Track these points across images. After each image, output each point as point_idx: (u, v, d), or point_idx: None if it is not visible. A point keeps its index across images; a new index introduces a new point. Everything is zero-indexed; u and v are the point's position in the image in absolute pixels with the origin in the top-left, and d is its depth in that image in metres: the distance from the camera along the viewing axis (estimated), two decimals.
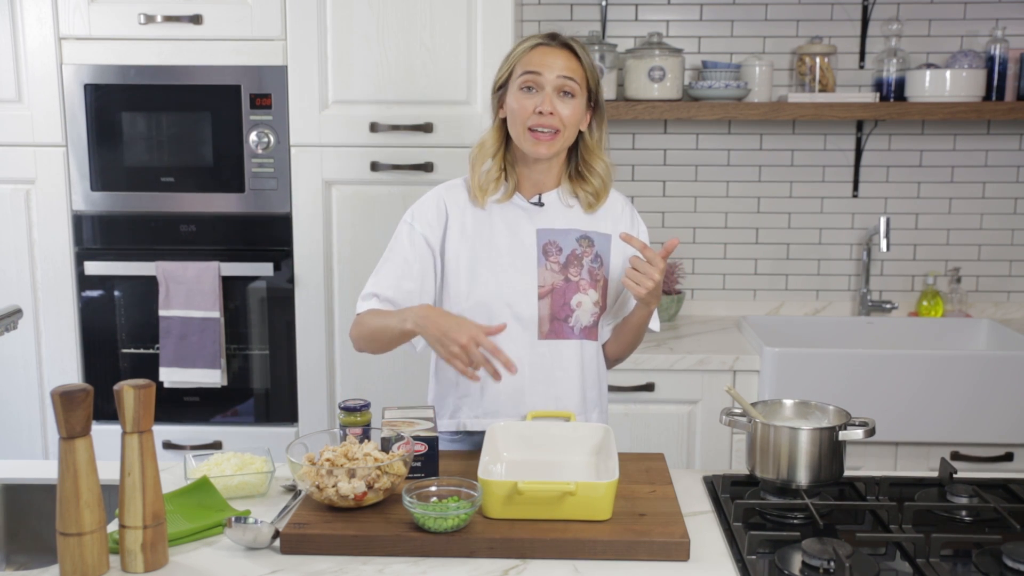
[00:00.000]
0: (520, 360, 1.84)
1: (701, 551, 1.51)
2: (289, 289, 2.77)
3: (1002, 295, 3.26)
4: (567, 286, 1.89)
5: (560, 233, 1.90)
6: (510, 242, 1.89)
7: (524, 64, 1.83)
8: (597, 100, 1.90)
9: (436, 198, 1.94)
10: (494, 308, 1.86)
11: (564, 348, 1.90)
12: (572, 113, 1.83)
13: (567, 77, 1.81)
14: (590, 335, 1.92)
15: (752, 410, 1.75)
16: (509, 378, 1.78)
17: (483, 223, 1.90)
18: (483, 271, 1.88)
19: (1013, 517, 1.60)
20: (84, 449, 1.38)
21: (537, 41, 1.85)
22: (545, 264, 1.89)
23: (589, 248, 1.91)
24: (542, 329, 1.88)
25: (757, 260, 3.27)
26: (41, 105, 2.70)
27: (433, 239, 1.91)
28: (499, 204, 1.91)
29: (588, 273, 1.90)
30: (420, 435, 1.71)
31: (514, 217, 1.91)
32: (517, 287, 1.87)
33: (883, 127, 3.17)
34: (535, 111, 1.81)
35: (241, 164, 2.72)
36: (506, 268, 1.88)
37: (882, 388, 2.67)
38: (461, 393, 1.93)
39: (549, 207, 1.92)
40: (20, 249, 2.77)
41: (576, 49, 1.85)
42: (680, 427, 2.75)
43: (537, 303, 1.88)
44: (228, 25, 2.65)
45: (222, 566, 1.46)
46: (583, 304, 1.89)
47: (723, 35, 3.16)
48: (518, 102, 1.83)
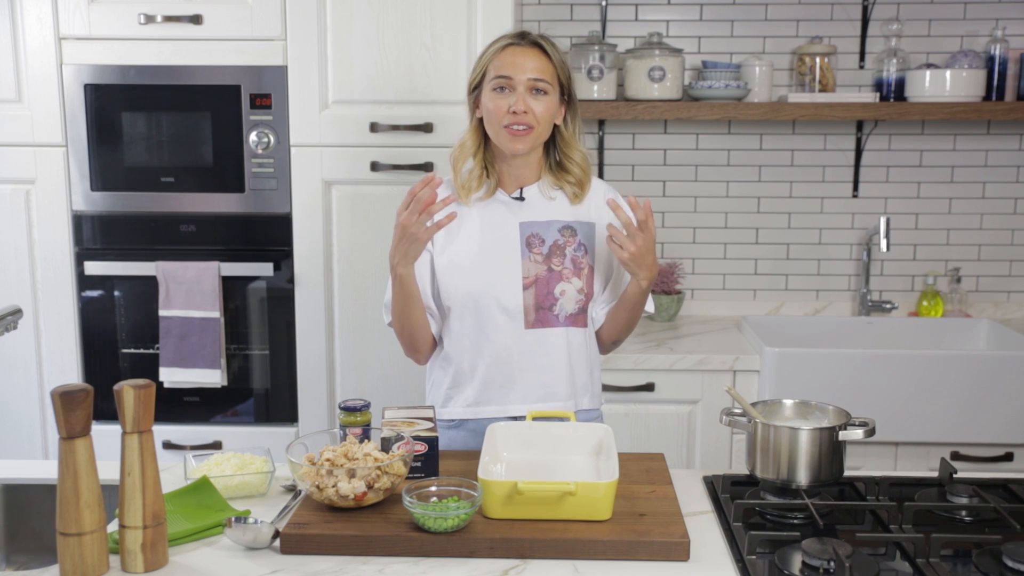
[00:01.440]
0: (508, 349, 1.93)
1: (701, 551, 1.51)
2: (289, 289, 2.77)
3: (1002, 295, 3.26)
4: (550, 276, 1.94)
5: (542, 225, 1.96)
6: (494, 236, 1.95)
7: (496, 67, 1.90)
8: (570, 94, 1.96)
9: None
10: (481, 301, 1.93)
11: (550, 336, 1.95)
12: (545, 109, 1.89)
13: (538, 78, 1.88)
14: (576, 322, 1.97)
15: (752, 410, 1.75)
16: (499, 366, 1.93)
17: (468, 220, 1.96)
18: (469, 266, 1.94)
19: (1013, 517, 1.60)
20: (84, 449, 1.38)
21: (507, 41, 1.91)
22: (528, 256, 1.94)
23: (572, 238, 1.96)
24: (528, 319, 1.94)
25: (757, 260, 3.27)
26: (41, 105, 2.70)
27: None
28: (482, 201, 1.97)
29: (571, 262, 1.95)
30: (420, 435, 1.72)
31: (497, 212, 1.97)
32: (502, 279, 1.93)
33: (883, 127, 3.17)
34: (509, 111, 1.87)
35: (241, 164, 2.72)
36: (491, 262, 1.94)
37: (882, 388, 2.67)
38: (452, 383, 1.99)
39: (530, 200, 1.97)
40: (20, 249, 2.77)
41: (546, 47, 1.90)
42: (680, 427, 2.75)
43: (522, 293, 1.93)
44: (228, 25, 2.65)
45: (222, 566, 1.46)
46: (567, 292, 1.94)
47: (723, 35, 3.16)
48: (492, 102, 1.90)
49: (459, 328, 1.96)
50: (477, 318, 1.94)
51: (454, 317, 1.95)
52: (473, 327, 1.94)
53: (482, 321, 1.94)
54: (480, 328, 1.94)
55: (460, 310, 1.94)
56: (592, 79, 2.99)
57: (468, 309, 1.93)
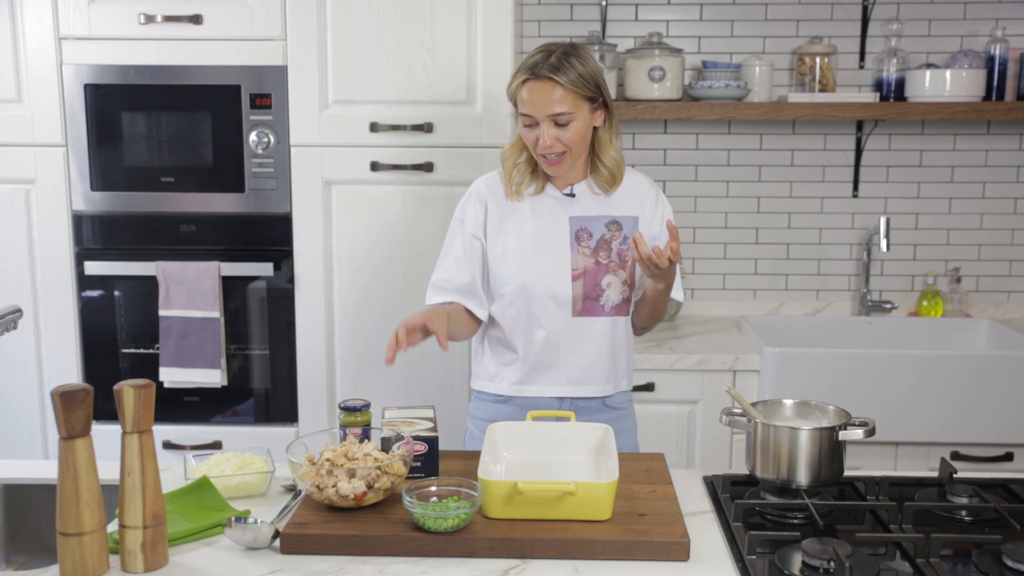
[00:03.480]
0: (556, 334, 2.04)
1: (701, 551, 1.51)
2: (289, 289, 2.77)
3: (1002, 295, 3.26)
4: (598, 268, 2.03)
5: (591, 220, 2.05)
6: (545, 230, 2.04)
7: (520, 102, 1.96)
8: (604, 99, 2.00)
9: (476, 193, 2.09)
10: (532, 290, 2.02)
11: (595, 324, 2.05)
12: (574, 135, 1.95)
13: (557, 113, 1.92)
14: (620, 311, 2.07)
15: (752, 410, 1.75)
16: (546, 350, 2.05)
17: (521, 213, 2.05)
18: (521, 258, 2.03)
19: (1013, 517, 1.60)
20: (84, 449, 1.38)
21: (524, 77, 1.94)
22: (577, 249, 2.03)
23: (618, 232, 2.05)
24: (575, 307, 2.03)
25: (757, 260, 3.27)
26: (41, 105, 2.70)
27: (477, 231, 2.07)
28: (534, 196, 2.06)
29: (617, 255, 2.04)
30: (420, 435, 1.72)
31: (548, 207, 2.05)
32: (553, 271, 2.02)
33: (883, 127, 3.17)
34: (537, 143, 1.95)
35: (241, 164, 2.72)
36: (543, 254, 2.03)
37: (882, 388, 2.67)
38: (502, 362, 2.09)
39: (580, 197, 2.06)
40: (20, 249, 2.77)
41: (558, 79, 1.90)
42: (680, 427, 2.75)
43: (571, 284, 2.03)
44: (228, 25, 2.65)
45: (222, 566, 1.46)
46: (612, 284, 2.04)
47: (723, 35, 3.16)
48: (523, 132, 1.99)
49: (511, 313, 2.05)
50: (528, 306, 2.03)
51: (506, 303, 2.05)
52: (524, 313, 2.04)
53: (532, 308, 2.03)
54: (530, 314, 2.04)
55: (512, 297, 2.04)
56: None
57: (520, 296, 2.03)
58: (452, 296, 2.06)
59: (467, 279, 2.06)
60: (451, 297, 2.06)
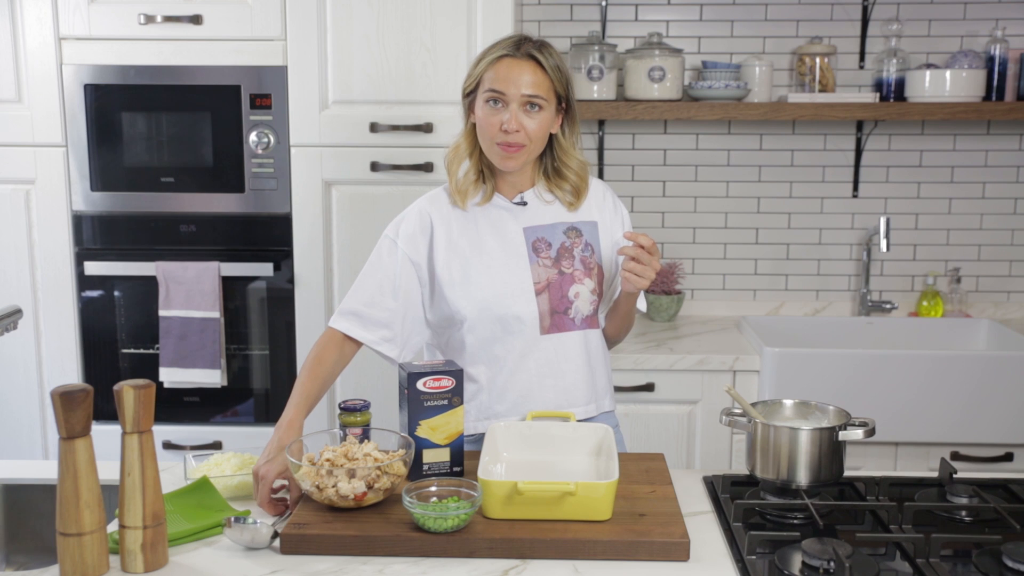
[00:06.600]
0: (525, 358, 1.88)
1: (701, 551, 1.51)
2: (289, 289, 2.77)
3: (1002, 295, 3.26)
4: (562, 279, 1.90)
5: (546, 228, 1.92)
6: (499, 243, 1.90)
7: (490, 79, 1.82)
8: (568, 102, 1.89)
9: (418, 212, 1.93)
10: (495, 311, 1.86)
11: (568, 340, 1.90)
12: (539, 127, 1.83)
13: (532, 94, 1.81)
14: (592, 323, 1.93)
15: (752, 410, 1.75)
16: (516, 378, 1.87)
17: (470, 229, 1.90)
18: (477, 276, 1.88)
19: (1013, 517, 1.60)
20: (84, 449, 1.38)
21: (502, 52, 1.83)
22: (537, 261, 1.89)
23: (578, 238, 1.92)
24: (543, 324, 1.88)
25: (757, 260, 3.27)
26: (41, 105, 2.70)
27: (417, 256, 1.90)
28: (481, 207, 1.91)
29: (581, 263, 1.91)
30: (442, 369, 1.72)
31: (499, 218, 1.91)
32: (513, 287, 1.87)
33: (883, 127, 3.17)
34: (502, 128, 1.81)
35: (241, 164, 2.72)
36: (499, 270, 1.88)
37: (882, 388, 2.67)
38: (468, 396, 1.91)
39: (531, 205, 1.93)
40: (20, 249, 2.77)
41: (542, 60, 1.83)
42: (680, 427, 2.75)
43: (535, 300, 1.88)
44: (228, 25, 2.65)
45: (222, 566, 1.46)
46: (581, 294, 1.90)
47: (723, 35, 3.16)
48: (485, 117, 1.84)
49: (470, 340, 1.89)
50: (490, 329, 1.87)
51: (465, 330, 1.88)
52: (487, 338, 1.88)
53: (495, 332, 1.87)
54: (493, 339, 1.88)
55: (472, 323, 1.87)
56: (592, 79, 2.99)
57: (480, 321, 1.87)
58: (362, 332, 1.87)
59: (387, 310, 1.88)
60: (362, 333, 1.87)
